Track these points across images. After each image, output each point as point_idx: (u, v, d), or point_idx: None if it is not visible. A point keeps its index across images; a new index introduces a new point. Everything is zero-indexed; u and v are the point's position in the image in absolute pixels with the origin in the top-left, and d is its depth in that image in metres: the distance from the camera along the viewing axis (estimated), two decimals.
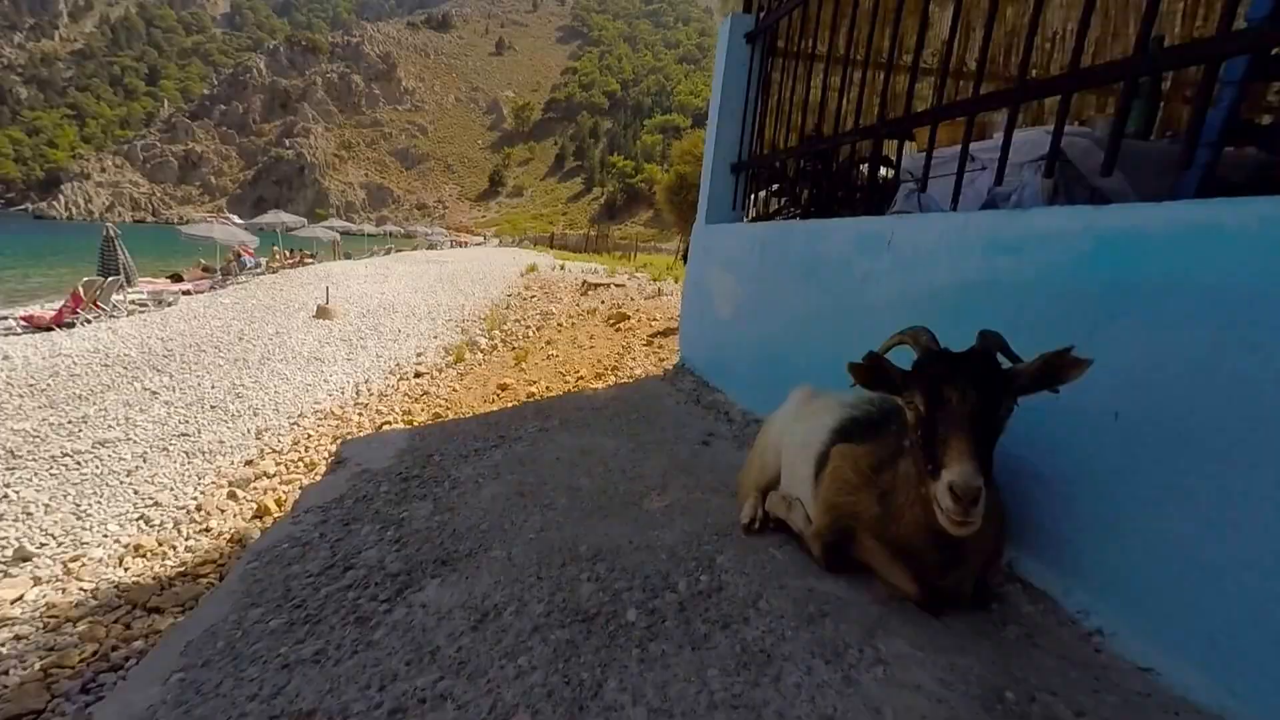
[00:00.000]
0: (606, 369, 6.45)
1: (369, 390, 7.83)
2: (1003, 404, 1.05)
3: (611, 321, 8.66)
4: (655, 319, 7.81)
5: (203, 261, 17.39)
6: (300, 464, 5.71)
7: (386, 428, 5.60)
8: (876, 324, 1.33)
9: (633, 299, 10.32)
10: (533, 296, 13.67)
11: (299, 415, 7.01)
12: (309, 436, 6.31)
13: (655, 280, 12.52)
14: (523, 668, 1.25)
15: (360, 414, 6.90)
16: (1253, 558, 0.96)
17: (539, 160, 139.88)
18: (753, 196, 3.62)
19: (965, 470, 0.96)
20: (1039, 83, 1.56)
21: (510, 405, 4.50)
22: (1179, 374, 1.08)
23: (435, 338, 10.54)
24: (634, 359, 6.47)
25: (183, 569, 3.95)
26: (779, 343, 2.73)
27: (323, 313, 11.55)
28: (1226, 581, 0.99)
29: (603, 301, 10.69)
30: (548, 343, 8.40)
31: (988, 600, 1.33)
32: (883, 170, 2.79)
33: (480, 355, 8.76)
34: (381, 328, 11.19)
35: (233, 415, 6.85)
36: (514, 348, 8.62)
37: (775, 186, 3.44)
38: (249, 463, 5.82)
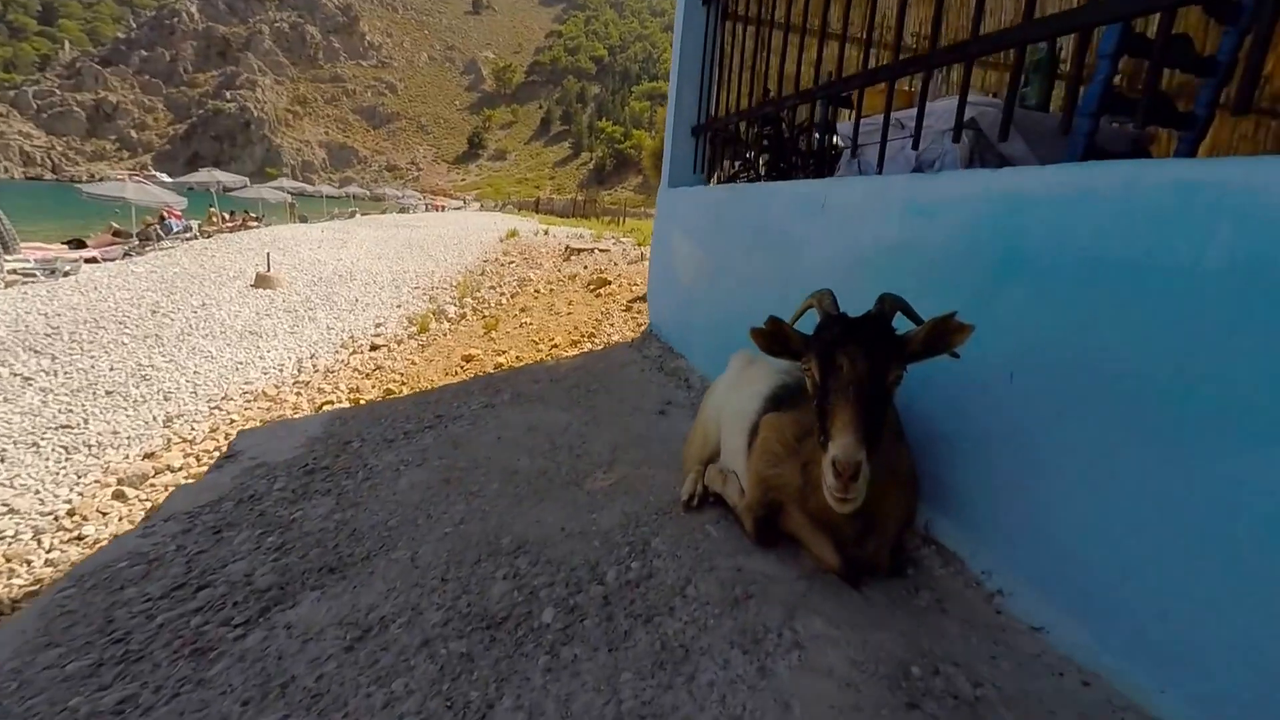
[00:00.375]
0: (584, 336, 6.24)
1: (313, 366, 7.43)
2: (891, 371, 1.07)
3: (592, 287, 8.42)
4: (637, 283, 7.55)
5: (115, 225, 15.23)
6: (216, 454, 5.41)
7: (327, 408, 5.35)
8: (813, 287, 1.34)
9: (616, 264, 10.04)
10: (511, 262, 13.30)
11: (222, 398, 6.37)
12: (231, 422, 5.70)
13: (640, 245, 12.17)
14: (395, 694, 1.08)
15: (299, 394, 6.41)
16: (1125, 515, 1.02)
17: (523, 124, 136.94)
18: (720, 162, 3.66)
19: (846, 444, 0.99)
20: (946, 49, 1.66)
21: (465, 379, 4.24)
22: (1064, 337, 1.14)
23: (399, 307, 10.11)
24: (612, 324, 6.27)
25: (37, 588, 3.51)
26: (731, 307, 2.75)
27: (263, 281, 10.78)
28: (1103, 539, 1.06)
29: (585, 267, 10.41)
30: (522, 310, 8.13)
31: (904, 567, 1.37)
32: (837, 140, 2.85)
33: (447, 325, 8.44)
34: (335, 297, 10.64)
35: (135, 401, 6.10)
36: (485, 316, 8.32)
37: (734, 154, 3.48)
38: (149, 456, 5.18)
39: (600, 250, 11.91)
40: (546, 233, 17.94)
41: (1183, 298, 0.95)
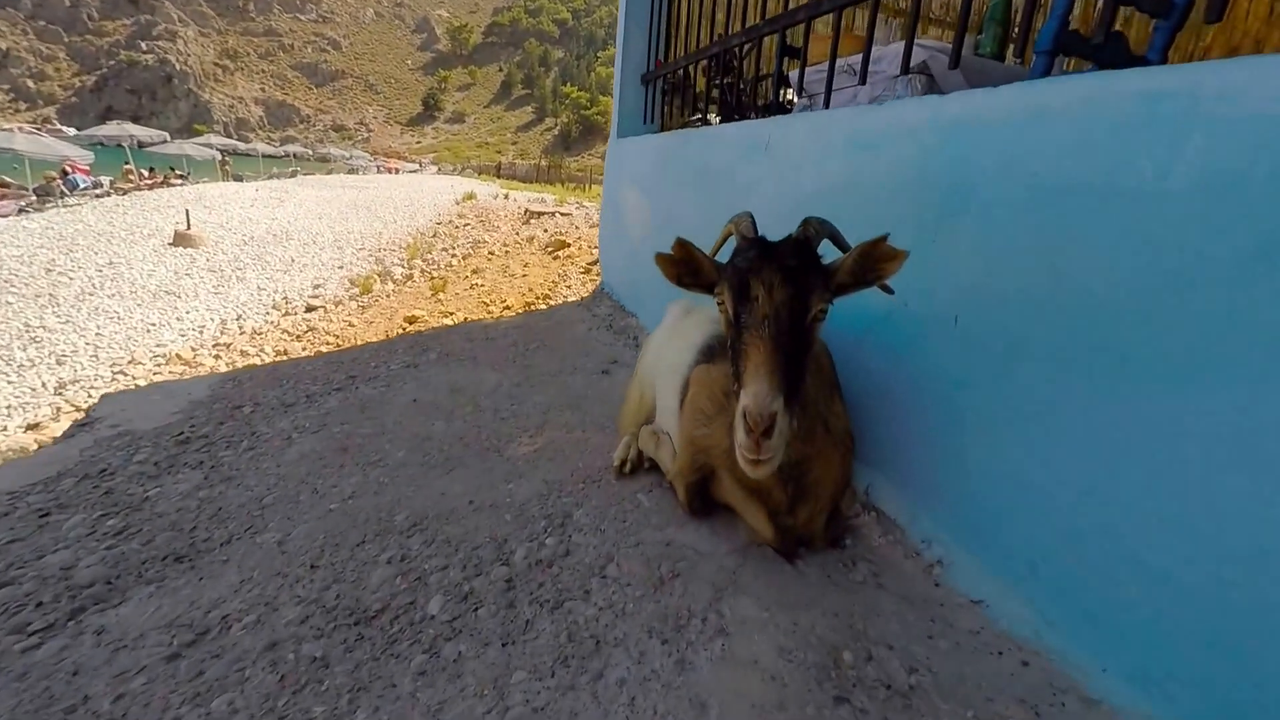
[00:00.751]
0: (538, 298, 5.95)
1: (239, 329, 6.88)
2: (814, 303, 0.91)
3: (550, 249, 8.08)
4: (597, 245, 7.22)
5: (8, 180, 13.90)
6: None
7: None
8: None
9: (577, 227, 9.65)
10: (466, 225, 12.70)
11: (129, 362, 5.73)
12: (138, 387, 5.43)
13: None
14: (215, 713, 0.85)
15: (217, 357, 5.84)
16: (1072, 474, 0.91)
17: (482, 86, 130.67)
18: (671, 113, 3.44)
19: (759, 391, 0.83)
20: None
21: (390, 338, 3.89)
22: (1015, 274, 1.01)
23: (340, 268, 9.47)
24: (569, 286, 5.99)
25: None
26: None
27: (183, 239, 9.86)
28: (1047, 502, 0.95)
29: (545, 230, 10.00)
30: (474, 271, 7.73)
31: (841, 536, 1.25)
32: (789, 95, 2.70)
33: (393, 286, 7.96)
34: (269, 257, 9.93)
35: (19, 366, 5.43)
36: (433, 278, 7.86)
37: (685, 102, 3.30)
38: (32, 427, 4.60)
39: (562, 214, 11.46)
40: (506, 197, 17.22)
41: (1149, 221, 0.81)
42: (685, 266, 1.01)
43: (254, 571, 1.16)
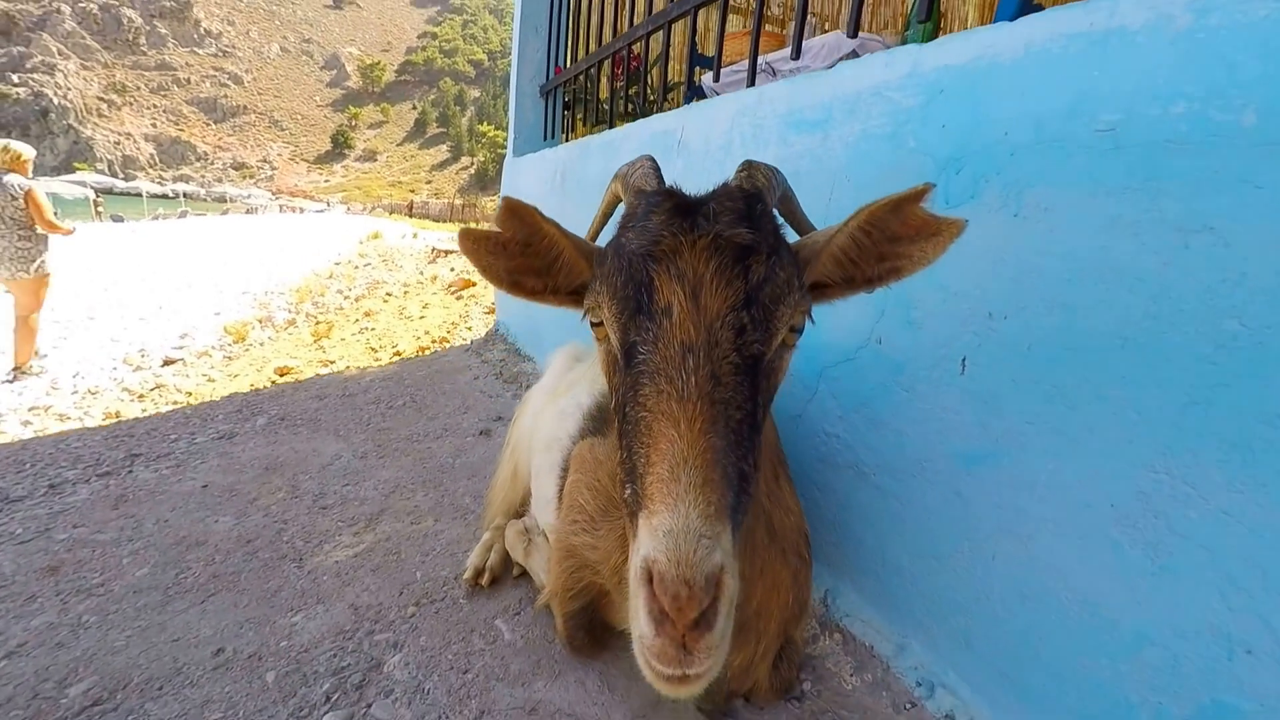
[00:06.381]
0: (435, 341, 5.43)
1: (73, 388, 5.80)
2: (780, 318, 0.52)
3: (453, 288, 7.56)
4: None
5: None
6: None
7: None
8: None
9: None
10: (367, 265, 11.89)
11: None
12: None
13: None
14: None
15: (26, 424, 4.91)
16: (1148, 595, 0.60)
17: (394, 124, 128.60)
18: (573, 126, 3.21)
19: (680, 526, 0.43)
20: None
21: (214, 400, 3.24)
22: (1068, 288, 0.67)
23: (217, 314, 8.46)
24: (470, 328, 5.52)
25: None
26: None
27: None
28: (1111, 632, 0.63)
29: (451, 268, 9.47)
30: (366, 314, 7.04)
31: (793, 683, 0.87)
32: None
33: (272, 332, 7.08)
34: (131, 303, 8.68)
35: None
36: (319, 321, 7.07)
37: (588, 114, 3.06)
38: None
39: None
40: (415, 236, 16.48)
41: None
42: (520, 249, 0.58)
43: None
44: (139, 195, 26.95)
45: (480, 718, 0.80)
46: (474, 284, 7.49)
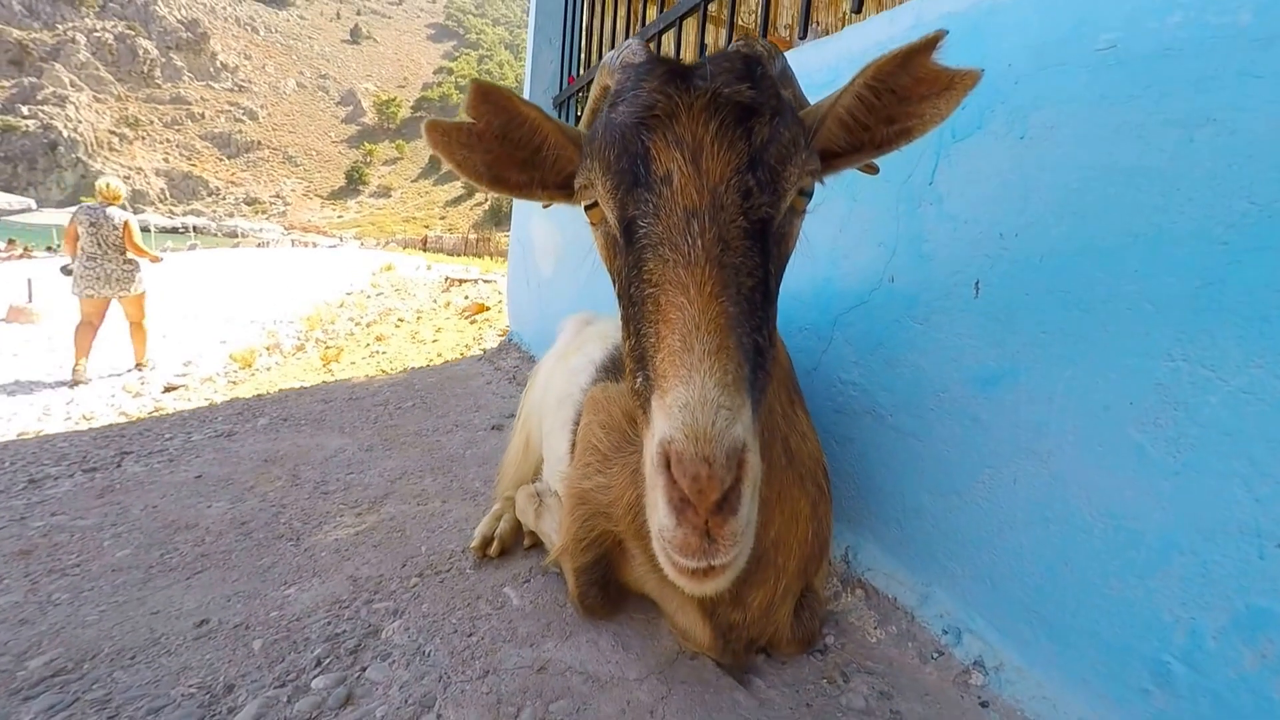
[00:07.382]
0: (447, 363, 5.38)
1: (66, 414, 5.85)
2: (788, 177, 0.49)
3: (467, 314, 7.58)
4: None
5: None
6: None
7: None
8: None
9: (500, 293, 9.28)
10: (380, 294, 12.04)
11: None
12: None
13: None
14: None
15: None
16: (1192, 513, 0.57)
17: (409, 160, 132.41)
18: None
19: (697, 397, 0.40)
20: None
21: (209, 405, 3.20)
22: (1078, 203, 0.67)
23: (223, 342, 8.58)
24: (483, 349, 5.48)
25: None
26: (596, 292, 2.31)
27: (17, 315, 8.90)
28: (1155, 558, 0.59)
29: (465, 296, 9.56)
30: (377, 339, 7.06)
31: (816, 633, 0.83)
32: None
33: (280, 358, 7.10)
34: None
35: None
36: (329, 346, 7.08)
37: None
38: None
39: (485, 281, 11.07)
40: (429, 268, 16.74)
41: None
42: (497, 140, 0.54)
43: None
44: (147, 229, 27.67)
45: (485, 677, 0.76)
46: (488, 308, 7.52)
